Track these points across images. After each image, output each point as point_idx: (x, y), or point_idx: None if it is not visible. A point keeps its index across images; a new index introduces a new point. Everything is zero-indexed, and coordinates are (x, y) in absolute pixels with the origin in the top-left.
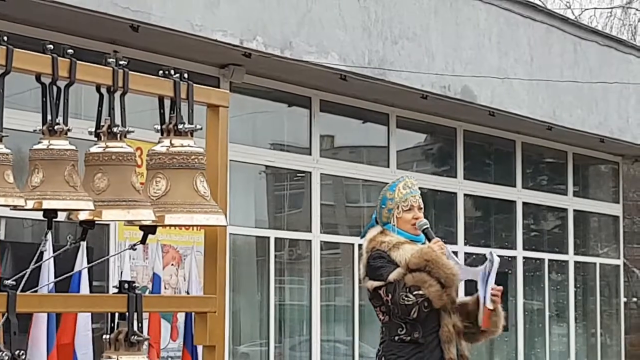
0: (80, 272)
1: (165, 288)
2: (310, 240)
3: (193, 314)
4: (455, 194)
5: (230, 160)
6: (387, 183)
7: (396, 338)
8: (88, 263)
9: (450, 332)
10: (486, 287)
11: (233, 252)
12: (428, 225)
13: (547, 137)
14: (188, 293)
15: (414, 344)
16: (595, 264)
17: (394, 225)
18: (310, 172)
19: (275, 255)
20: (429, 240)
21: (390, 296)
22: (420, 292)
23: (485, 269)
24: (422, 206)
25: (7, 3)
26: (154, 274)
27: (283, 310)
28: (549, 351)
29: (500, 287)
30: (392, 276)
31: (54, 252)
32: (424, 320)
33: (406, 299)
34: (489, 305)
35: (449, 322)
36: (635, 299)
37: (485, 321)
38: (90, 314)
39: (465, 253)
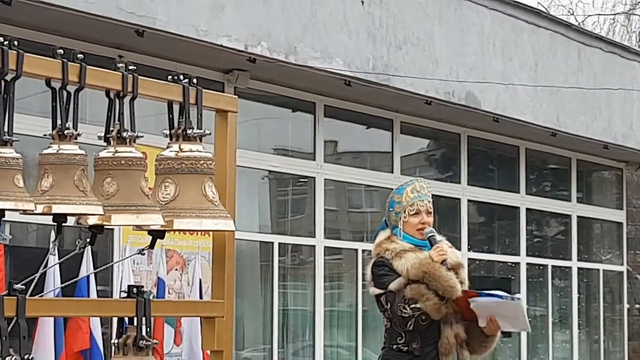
0: (88, 277)
1: (169, 293)
2: (313, 246)
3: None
4: (458, 199)
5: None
6: (391, 189)
7: (394, 347)
8: (93, 267)
9: (450, 344)
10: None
11: (236, 257)
12: (434, 233)
13: (551, 143)
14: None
15: (410, 355)
16: (598, 270)
17: (401, 229)
18: (314, 178)
19: (279, 261)
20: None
21: (389, 305)
22: (417, 305)
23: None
24: (430, 211)
25: (12, 8)
26: (158, 278)
27: (286, 315)
28: (552, 357)
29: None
30: (393, 285)
31: (59, 256)
32: (424, 331)
33: (404, 311)
34: (481, 323)
35: (450, 333)
36: (638, 306)
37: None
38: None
39: (469, 259)
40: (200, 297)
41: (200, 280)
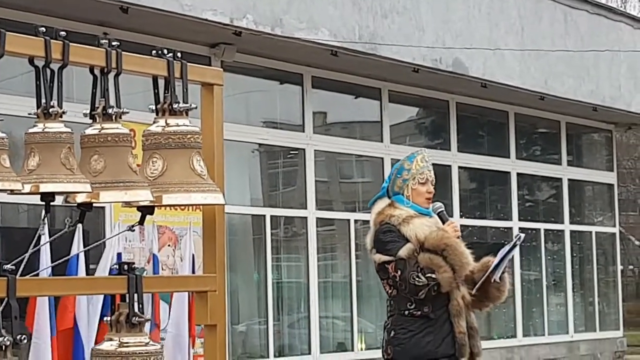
0: (77, 256)
1: (162, 269)
2: (305, 217)
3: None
4: (449, 166)
5: (224, 139)
6: (381, 158)
7: (406, 312)
8: (84, 246)
9: (460, 306)
10: (502, 260)
11: (229, 232)
12: (443, 209)
13: (540, 107)
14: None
15: (425, 319)
16: (591, 232)
17: (408, 196)
18: (304, 149)
19: (272, 233)
20: (443, 223)
21: (399, 273)
22: (433, 275)
23: (509, 246)
24: (434, 181)
25: None
26: (152, 254)
27: (280, 287)
28: (547, 321)
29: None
30: (403, 252)
31: (50, 236)
32: (434, 297)
33: (417, 279)
34: (496, 278)
35: (458, 295)
36: (631, 267)
37: (486, 287)
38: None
39: (461, 225)
40: (193, 272)
41: (193, 256)
